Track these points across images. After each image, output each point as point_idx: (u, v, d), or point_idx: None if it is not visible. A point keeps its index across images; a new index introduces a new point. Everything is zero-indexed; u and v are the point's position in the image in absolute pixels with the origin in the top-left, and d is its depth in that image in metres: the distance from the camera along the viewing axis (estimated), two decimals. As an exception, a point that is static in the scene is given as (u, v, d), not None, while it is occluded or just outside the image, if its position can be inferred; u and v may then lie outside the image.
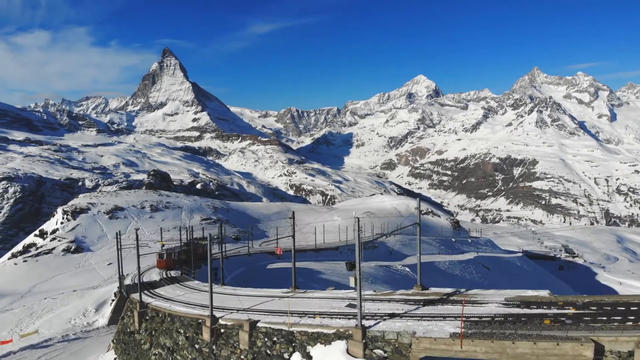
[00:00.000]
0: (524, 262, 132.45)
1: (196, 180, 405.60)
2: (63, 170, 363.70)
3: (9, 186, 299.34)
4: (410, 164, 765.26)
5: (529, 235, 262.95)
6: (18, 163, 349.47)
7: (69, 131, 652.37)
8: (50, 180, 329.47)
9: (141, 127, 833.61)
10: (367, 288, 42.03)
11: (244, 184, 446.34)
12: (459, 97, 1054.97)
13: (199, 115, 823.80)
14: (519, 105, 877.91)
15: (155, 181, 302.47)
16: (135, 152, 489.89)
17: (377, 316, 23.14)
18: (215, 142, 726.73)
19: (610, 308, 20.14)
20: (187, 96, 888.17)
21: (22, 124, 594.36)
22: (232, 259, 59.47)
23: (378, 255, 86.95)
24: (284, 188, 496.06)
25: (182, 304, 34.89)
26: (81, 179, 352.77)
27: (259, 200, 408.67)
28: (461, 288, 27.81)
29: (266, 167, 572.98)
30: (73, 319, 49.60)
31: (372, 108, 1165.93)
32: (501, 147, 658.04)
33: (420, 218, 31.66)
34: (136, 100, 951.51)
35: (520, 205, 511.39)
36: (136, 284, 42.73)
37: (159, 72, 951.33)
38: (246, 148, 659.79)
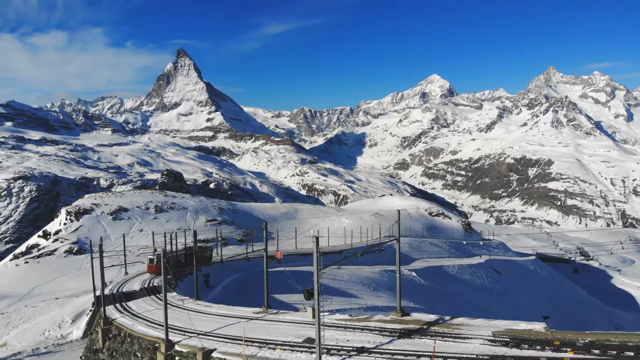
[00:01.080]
0: (537, 265, 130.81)
1: (209, 180, 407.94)
2: (78, 169, 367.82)
3: (24, 185, 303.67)
4: (423, 164, 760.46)
5: (544, 237, 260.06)
6: (34, 162, 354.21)
7: (85, 131, 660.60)
8: (65, 180, 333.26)
9: (156, 127, 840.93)
10: (369, 295, 41.82)
11: (257, 183, 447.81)
12: (474, 97, 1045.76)
13: (213, 115, 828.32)
14: (534, 105, 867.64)
15: (168, 180, 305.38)
16: (149, 151, 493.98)
17: (343, 351, 20.49)
18: (228, 142, 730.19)
19: (616, 353, 16.83)
20: (201, 96, 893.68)
21: (39, 124, 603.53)
22: (230, 264, 57.72)
23: (385, 258, 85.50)
24: (296, 188, 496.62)
25: (146, 322, 31.89)
26: (96, 178, 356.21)
27: (271, 199, 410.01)
28: (446, 316, 25.44)
29: (279, 167, 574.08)
30: (48, 331, 46.02)
31: (386, 108, 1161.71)
32: (516, 147, 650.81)
33: (399, 229, 30.93)
34: (151, 100, 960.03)
35: (535, 206, 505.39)
36: (114, 294, 41.56)
37: (173, 73, 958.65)
38: (259, 148, 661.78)
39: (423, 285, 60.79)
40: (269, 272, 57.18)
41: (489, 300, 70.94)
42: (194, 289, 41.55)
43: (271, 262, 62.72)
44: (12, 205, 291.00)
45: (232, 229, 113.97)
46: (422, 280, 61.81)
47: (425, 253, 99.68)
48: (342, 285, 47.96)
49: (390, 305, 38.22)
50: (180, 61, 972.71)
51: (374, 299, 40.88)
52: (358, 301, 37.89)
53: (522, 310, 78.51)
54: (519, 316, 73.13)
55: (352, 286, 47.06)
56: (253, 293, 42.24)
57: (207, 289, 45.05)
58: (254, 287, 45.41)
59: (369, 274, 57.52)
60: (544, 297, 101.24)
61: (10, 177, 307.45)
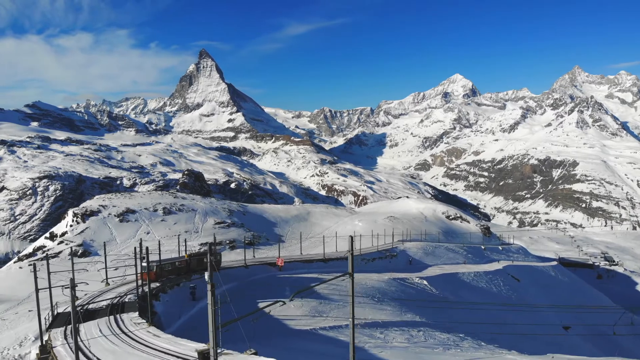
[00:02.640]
0: (558, 271, 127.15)
1: (230, 180, 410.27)
2: (102, 169, 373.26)
3: (49, 184, 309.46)
4: (445, 164, 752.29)
5: (567, 240, 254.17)
6: (59, 162, 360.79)
7: (109, 131, 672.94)
8: (89, 179, 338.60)
9: (178, 128, 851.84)
10: (371, 308, 39.79)
11: (277, 183, 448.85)
12: (497, 97, 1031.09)
13: (234, 116, 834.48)
14: (558, 105, 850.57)
15: (189, 180, 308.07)
16: (172, 151, 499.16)
17: None
18: (249, 142, 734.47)
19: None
20: (222, 97, 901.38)
21: (64, 124, 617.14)
22: (225, 272, 53.56)
23: (396, 265, 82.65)
24: (315, 188, 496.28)
25: (82, 354, 27.60)
26: (119, 178, 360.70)
27: (291, 200, 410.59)
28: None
29: (298, 167, 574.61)
30: (7, 349, 39.69)
31: (407, 108, 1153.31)
32: (540, 148, 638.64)
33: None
34: (174, 101, 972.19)
35: (560, 208, 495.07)
36: (77, 310, 34.83)
37: (195, 74, 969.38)
38: (279, 148, 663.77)
39: (434, 295, 58.61)
40: (266, 278, 54.74)
41: (505, 310, 68.61)
42: (178, 302, 39.67)
43: (272, 270, 59.23)
44: (37, 204, 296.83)
45: (241, 231, 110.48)
46: (433, 289, 59.86)
47: (440, 259, 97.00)
48: (344, 296, 44.71)
49: (393, 320, 36.14)
50: (202, 62, 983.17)
51: (376, 312, 38.51)
52: (358, 315, 34.88)
53: (541, 320, 75.84)
54: (537, 327, 70.69)
55: (355, 297, 43.74)
56: (244, 307, 37.63)
57: (193, 302, 41.86)
58: (247, 300, 42.20)
59: (375, 283, 54.84)
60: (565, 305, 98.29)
61: (35, 176, 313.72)
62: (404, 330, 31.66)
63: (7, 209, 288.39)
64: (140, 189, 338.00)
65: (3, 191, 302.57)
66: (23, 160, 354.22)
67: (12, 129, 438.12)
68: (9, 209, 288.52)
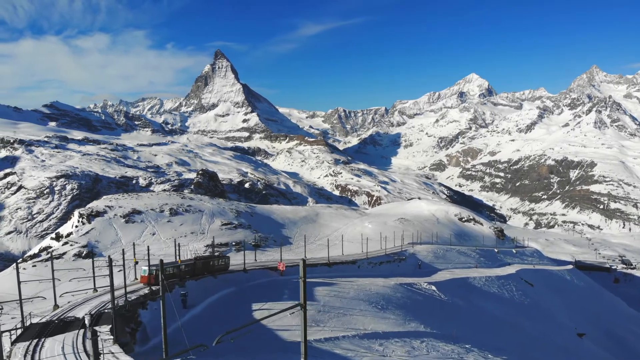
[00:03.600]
0: (574, 275, 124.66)
1: (245, 180, 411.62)
2: (118, 168, 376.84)
3: (66, 183, 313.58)
4: (461, 165, 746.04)
5: (584, 243, 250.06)
6: (76, 161, 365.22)
7: (126, 131, 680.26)
8: (106, 178, 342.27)
9: (194, 128, 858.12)
10: (373, 316, 38.71)
11: (290, 183, 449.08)
12: (513, 97, 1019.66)
13: (249, 116, 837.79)
14: (576, 105, 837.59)
15: (203, 180, 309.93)
16: (187, 151, 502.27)
17: None
18: (263, 142, 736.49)
19: None
20: (237, 97, 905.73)
21: (82, 124, 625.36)
22: (223, 276, 51.56)
23: (405, 269, 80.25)
24: (329, 188, 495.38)
25: None
26: (135, 177, 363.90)
27: (304, 199, 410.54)
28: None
29: (312, 167, 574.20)
30: None
31: (422, 107, 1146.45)
32: (557, 149, 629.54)
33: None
34: (189, 101, 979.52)
35: (577, 210, 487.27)
36: (54, 320, 33.79)
37: (211, 74, 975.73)
38: (293, 148, 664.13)
39: (442, 301, 56.83)
40: (266, 284, 52.07)
41: (517, 316, 66.38)
42: (167, 310, 35.14)
43: (273, 275, 57.26)
44: (54, 203, 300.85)
45: (248, 233, 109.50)
46: (442, 295, 58.10)
47: (451, 263, 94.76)
48: (345, 303, 43.13)
49: (395, 330, 34.45)
50: (217, 63, 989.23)
51: (378, 321, 36.93)
52: (357, 325, 34.37)
53: (555, 326, 74.05)
54: (551, 333, 68.96)
55: (357, 304, 43.16)
56: (239, 317, 36.87)
57: (184, 310, 39.39)
58: (243, 308, 40.43)
59: (380, 289, 52.46)
60: (580, 311, 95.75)
61: (52, 175, 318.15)
62: (406, 341, 30.16)
63: (24, 207, 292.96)
64: (156, 189, 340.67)
65: (21, 190, 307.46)
66: (41, 159, 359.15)
67: (30, 129, 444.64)
68: (27, 208, 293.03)
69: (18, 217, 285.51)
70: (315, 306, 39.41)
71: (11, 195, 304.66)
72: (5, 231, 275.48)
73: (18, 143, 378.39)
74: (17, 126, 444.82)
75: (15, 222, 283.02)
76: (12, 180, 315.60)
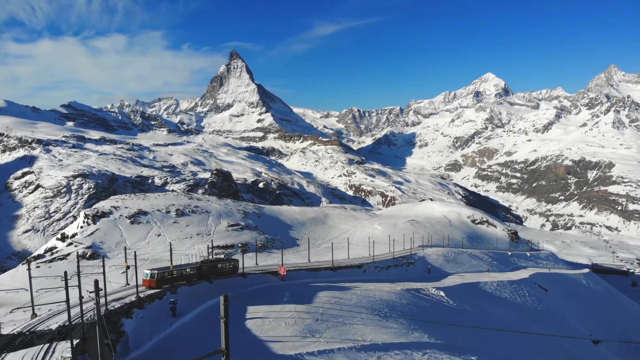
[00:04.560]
0: (590, 279, 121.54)
1: (259, 180, 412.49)
2: (134, 168, 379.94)
3: (83, 182, 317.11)
4: (476, 165, 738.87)
5: (601, 245, 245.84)
6: (93, 161, 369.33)
7: (142, 131, 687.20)
8: (122, 178, 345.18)
9: (209, 128, 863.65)
10: (374, 326, 37.28)
11: (304, 183, 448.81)
12: (530, 96, 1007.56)
13: (263, 117, 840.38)
14: (594, 104, 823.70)
15: (217, 180, 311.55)
16: (202, 151, 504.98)
17: None
18: (277, 142, 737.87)
19: None
20: (252, 98, 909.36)
21: (99, 124, 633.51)
22: (219, 282, 49.20)
23: (413, 273, 78.54)
24: (343, 188, 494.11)
25: None
26: (151, 177, 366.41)
27: (318, 199, 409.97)
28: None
29: (326, 167, 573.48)
30: None
31: (437, 107, 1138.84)
32: (575, 149, 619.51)
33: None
34: (205, 101, 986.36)
35: (595, 211, 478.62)
36: (22, 332, 31.34)
37: (226, 75, 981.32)
38: (307, 148, 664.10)
39: (450, 308, 55.13)
40: (264, 290, 49.53)
41: (529, 323, 64.24)
42: (155, 319, 34.91)
43: (273, 280, 55.51)
44: (71, 202, 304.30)
45: (254, 234, 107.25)
46: (450, 301, 56.44)
47: (462, 266, 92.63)
48: (345, 311, 40.83)
49: (396, 341, 32.87)
50: (233, 63, 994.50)
51: (379, 331, 35.56)
52: (356, 335, 33.12)
53: (568, 333, 71.74)
54: (564, 340, 66.98)
55: (358, 312, 41.12)
56: (230, 327, 35.28)
57: (173, 318, 37.19)
58: (236, 317, 37.20)
59: (385, 295, 50.19)
60: (596, 317, 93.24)
61: (70, 174, 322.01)
62: (407, 353, 28.57)
63: (42, 206, 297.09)
64: (171, 188, 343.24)
65: (38, 189, 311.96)
66: (58, 159, 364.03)
67: (48, 129, 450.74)
68: (44, 207, 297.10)
69: (35, 215, 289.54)
70: (313, 315, 37.72)
71: (29, 194, 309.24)
72: (23, 229, 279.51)
73: (36, 143, 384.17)
74: (35, 126, 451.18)
75: (33, 220, 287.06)
76: (30, 179, 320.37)
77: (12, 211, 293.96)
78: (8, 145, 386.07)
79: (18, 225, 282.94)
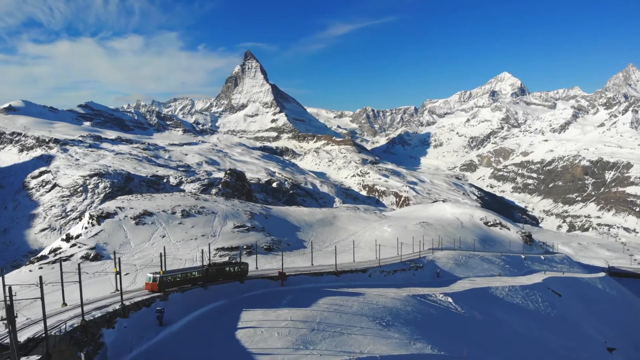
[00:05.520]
0: (606, 284, 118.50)
1: (272, 179, 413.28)
2: (150, 167, 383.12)
3: (99, 182, 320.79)
4: (492, 165, 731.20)
5: (618, 247, 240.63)
6: (109, 160, 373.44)
7: (158, 131, 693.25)
8: (137, 177, 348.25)
9: (224, 128, 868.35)
10: (374, 335, 35.63)
11: (317, 183, 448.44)
12: (547, 96, 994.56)
13: (277, 116, 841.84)
14: (612, 104, 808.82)
15: (231, 179, 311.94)
16: (217, 151, 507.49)
17: None
18: (291, 142, 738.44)
19: None
20: (266, 98, 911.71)
21: (115, 124, 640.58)
22: (215, 287, 47.14)
23: (421, 278, 76.41)
24: (356, 188, 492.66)
25: None
26: (166, 176, 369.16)
27: (331, 199, 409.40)
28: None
29: (339, 167, 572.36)
30: None
31: (452, 107, 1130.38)
32: (592, 149, 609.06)
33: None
34: (220, 101, 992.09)
35: (612, 212, 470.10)
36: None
37: (241, 75, 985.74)
38: (320, 148, 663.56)
39: (458, 315, 53.06)
40: (262, 296, 47.18)
41: (541, 330, 62.89)
42: (140, 328, 33.20)
43: (272, 285, 53.65)
44: (87, 201, 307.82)
45: (260, 236, 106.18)
46: (458, 308, 54.50)
47: (473, 270, 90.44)
48: (345, 319, 38.96)
49: (396, 353, 31.11)
50: (247, 64, 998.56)
51: (379, 341, 33.82)
52: (354, 346, 31.49)
53: (582, 340, 69.89)
54: (577, 348, 65.27)
55: (358, 321, 39.27)
56: (220, 337, 33.14)
57: (159, 327, 35.30)
58: (228, 326, 35.40)
59: (389, 302, 47.85)
60: (612, 323, 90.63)
61: (86, 173, 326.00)
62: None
63: (58, 205, 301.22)
64: (186, 187, 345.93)
65: (55, 188, 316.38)
66: (75, 158, 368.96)
67: (65, 129, 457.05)
68: (61, 205, 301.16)
69: (52, 214, 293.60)
70: (309, 324, 36.10)
71: (46, 193, 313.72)
72: (40, 228, 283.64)
73: (53, 142, 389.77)
74: (53, 126, 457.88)
75: (50, 219, 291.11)
76: (47, 178, 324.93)
77: (29, 210, 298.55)
78: (26, 144, 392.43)
79: (35, 224, 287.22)
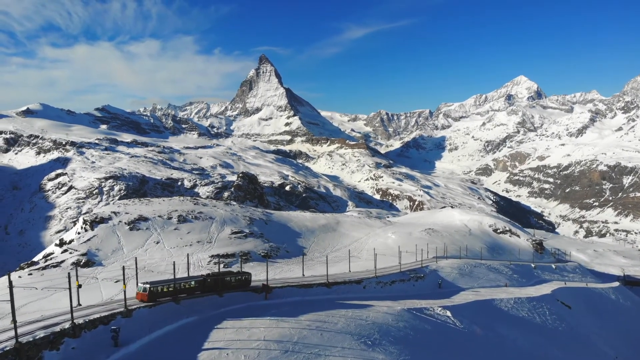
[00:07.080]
0: (620, 294, 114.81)
1: (285, 183, 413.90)
2: (165, 170, 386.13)
3: (114, 184, 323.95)
4: (508, 169, 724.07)
5: (635, 254, 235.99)
6: (124, 163, 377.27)
7: (173, 134, 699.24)
8: (152, 180, 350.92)
9: (238, 131, 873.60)
10: (357, 356, 33.20)
11: (331, 187, 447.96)
12: (564, 99, 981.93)
13: (291, 120, 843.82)
14: (630, 108, 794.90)
15: (243, 183, 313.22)
16: (231, 154, 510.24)
17: None
18: (305, 145, 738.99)
19: None
20: (280, 101, 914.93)
21: (131, 127, 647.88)
22: (188, 302, 42.95)
23: (421, 289, 72.53)
24: (370, 192, 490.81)
25: None
26: (180, 179, 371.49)
27: (344, 203, 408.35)
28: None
29: (353, 171, 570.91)
30: None
31: (468, 110, 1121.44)
32: (610, 154, 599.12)
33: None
34: (234, 105, 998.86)
35: (630, 218, 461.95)
36: None
37: (255, 79, 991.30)
38: (334, 151, 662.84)
39: (455, 331, 49.83)
40: (240, 311, 42.59)
41: (547, 346, 60.57)
42: (91, 350, 30.72)
43: (255, 298, 49.82)
44: (103, 203, 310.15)
45: (258, 242, 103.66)
46: (457, 322, 51.40)
47: (478, 280, 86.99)
48: (326, 338, 35.92)
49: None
50: (262, 67, 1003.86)
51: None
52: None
53: (592, 356, 67.24)
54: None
55: (341, 340, 36.25)
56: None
57: (115, 348, 32.15)
58: (196, 348, 32.24)
59: (379, 317, 44.56)
60: (625, 336, 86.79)
61: (102, 176, 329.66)
62: None
63: (74, 207, 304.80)
64: (200, 190, 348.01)
65: (71, 190, 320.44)
66: (91, 161, 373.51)
67: (82, 131, 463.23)
68: (76, 208, 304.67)
69: (68, 216, 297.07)
70: (284, 344, 32.96)
71: (62, 195, 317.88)
72: (55, 230, 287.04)
73: (70, 145, 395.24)
74: (70, 129, 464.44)
75: (65, 221, 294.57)
76: (63, 180, 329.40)
77: (45, 212, 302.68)
78: (43, 147, 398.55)
79: (51, 226, 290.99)
